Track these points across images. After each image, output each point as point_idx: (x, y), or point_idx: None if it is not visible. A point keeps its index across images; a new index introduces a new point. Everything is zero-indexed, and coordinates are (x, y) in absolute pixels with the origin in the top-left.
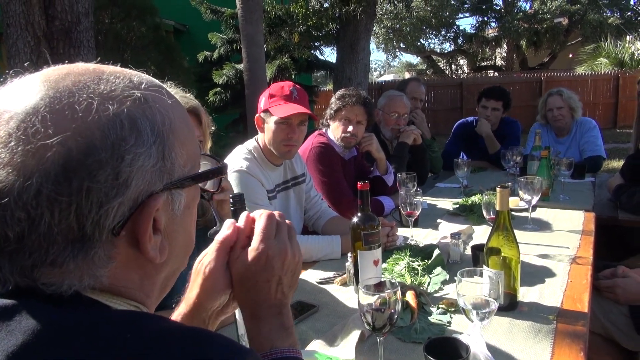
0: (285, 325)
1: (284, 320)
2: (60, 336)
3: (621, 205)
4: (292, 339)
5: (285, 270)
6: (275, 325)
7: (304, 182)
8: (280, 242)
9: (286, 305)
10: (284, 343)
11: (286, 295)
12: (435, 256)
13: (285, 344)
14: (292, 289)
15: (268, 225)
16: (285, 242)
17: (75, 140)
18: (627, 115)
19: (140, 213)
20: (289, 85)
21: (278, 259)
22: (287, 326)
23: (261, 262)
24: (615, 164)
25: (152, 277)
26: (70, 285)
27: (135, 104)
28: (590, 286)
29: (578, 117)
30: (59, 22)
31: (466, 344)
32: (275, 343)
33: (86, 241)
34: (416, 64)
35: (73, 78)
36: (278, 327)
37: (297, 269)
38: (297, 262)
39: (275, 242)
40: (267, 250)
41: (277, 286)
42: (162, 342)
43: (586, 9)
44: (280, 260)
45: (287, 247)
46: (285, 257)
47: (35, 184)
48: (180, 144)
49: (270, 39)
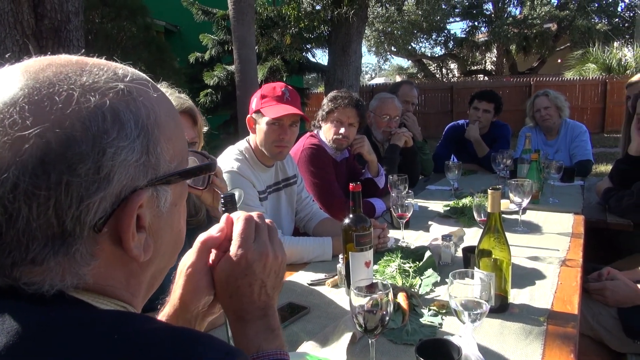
0: (272, 327)
1: (270, 322)
2: (45, 337)
3: (610, 209)
4: (279, 341)
5: (267, 272)
6: (260, 327)
7: (295, 183)
8: (259, 245)
9: (271, 307)
10: (271, 345)
11: (271, 297)
12: (426, 258)
13: (272, 346)
14: (277, 289)
15: (246, 229)
16: (266, 244)
17: (54, 132)
18: (614, 120)
19: (123, 209)
20: (281, 86)
21: (258, 262)
22: (274, 328)
23: (241, 267)
24: (603, 168)
25: (138, 276)
26: (52, 285)
27: (118, 96)
28: (579, 288)
29: (565, 116)
30: (49, 20)
31: (458, 346)
32: (261, 345)
33: (67, 237)
34: (407, 67)
35: (54, 69)
36: (264, 329)
37: (281, 269)
38: (279, 262)
39: (254, 245)
40: (245, 255)
41: (261, 289)
42: (150, 343)
43: (575, 15)
44: (261, 264)
45: (267, 249)
46: (267, 259)
47: (12, 177)
48: (166, 138)
49: (262, 40)
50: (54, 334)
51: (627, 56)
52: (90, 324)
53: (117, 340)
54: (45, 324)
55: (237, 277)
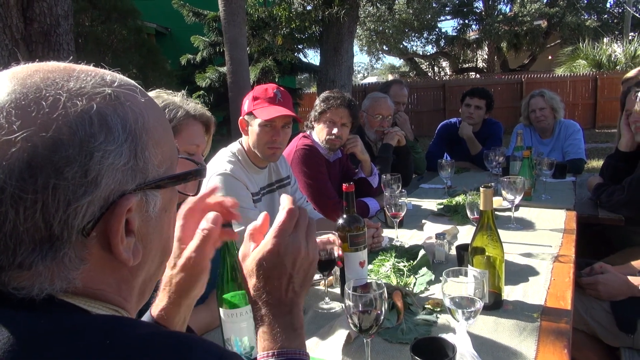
0: (295, 325)
1: (293, 321)
2: (37, 343)
3: (601, 204)
4: (300, 340)
5: (297, 268)
6: (284, 324)
7: (289, 184)
8: (295, 239)
9: (297, 305)
10: (292, 344)
11: (298, 295)
12: (420, 257)
13: (292, 345)
14: (304, 288)
15: (286, 221)
16: (300, 239)
17: (40, 136)
18: (605, 115)
19: (112, 213)
20: (273, 87)
21: (290, 256)
22: (297, 327)
23: (273, 256)
24: (595, 163)
25: (129, 281)
26: (42, 289)
27: (105, 101)
28: (572, 284)
29: (560, 117)
30: (38, 24)
31: (452, 344)
32: (283, 343)
33: (55, 241)
34: (399, 66)
35: (42, 75)
36: (287, 326)
37: (311, 268)
38: (310, 261)
39: (290, 238)
40: (279, 245)
41: (289, 284)
42: (143, 348)
43: (564, 12)
44: (292, 257)
45: (301, 244)
46: (298, 254)
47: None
48: (154, 143)
49: (254, 41)
50: (47, 339)
51: (617, 52)
52: (82, 329)
53: (109, 346)
54: (37, 330)
55: (267, 268)
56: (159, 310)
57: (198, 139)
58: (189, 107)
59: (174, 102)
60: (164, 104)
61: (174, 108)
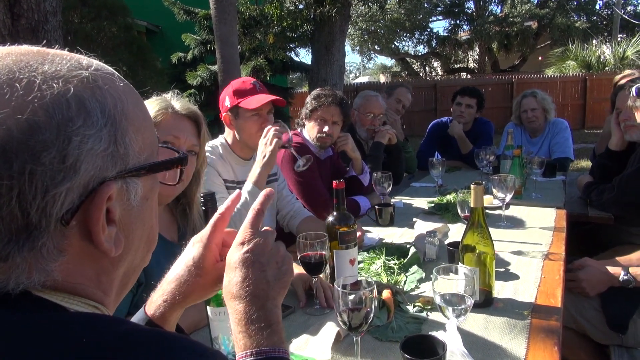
0: (269, 320)
1: (267, 316)
2: (11, 342)
3: (591, 203)
4: (277, 337)
5: (267, 257)
6: (257, 320)
7: (275, 181)
8: (260, 234)
9: (271, 299)
10: (267, 341)
11: (271, 286)
12: (411, 255)
13: (268, 342)
14: (279, 282)
15: (255, 218)
16: (268, 232)
17: (15, 120)
18: (594, 116)
19: (92, 201)
20: (250, 79)
21: (258, 244)
22: (271, 322)
23: (244, 247)
24: (584, 163)
25: (109, 272)
26: (18, 283)
27: (83, 84)
28: (563, 281)
29: (551, 118)
30: (25, 20)
31: (443, 341)
32: (257, 341)
33: (32, 231)
34: (391, 66)
35: (14, 57)
36: (260, 321)
37: (284, 262)
38: (281, 255)
39: (257, 233)
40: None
41: (260, 273)
42: (122, 347)
43: (554, 13)
44: (260, 246)
45: (267, 237)
46: (266, 242)
47: None
48: (134, 129)
49: (245, 40)
50: (21, 338)
51: (606, 53)
52: (58, 327)
53: (86, 345)
54: (10, 328)
55: (239, 259)
56: (155, 308)
57: (177, 130)
58: (172, 102)
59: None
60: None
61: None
